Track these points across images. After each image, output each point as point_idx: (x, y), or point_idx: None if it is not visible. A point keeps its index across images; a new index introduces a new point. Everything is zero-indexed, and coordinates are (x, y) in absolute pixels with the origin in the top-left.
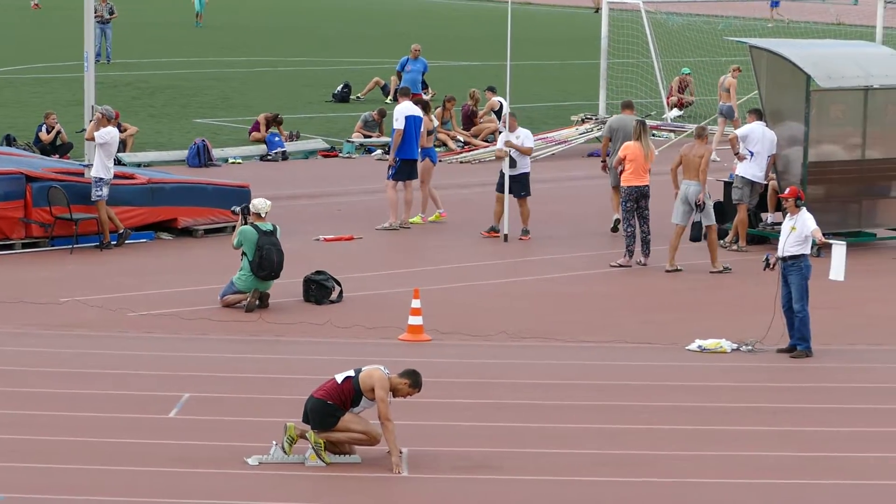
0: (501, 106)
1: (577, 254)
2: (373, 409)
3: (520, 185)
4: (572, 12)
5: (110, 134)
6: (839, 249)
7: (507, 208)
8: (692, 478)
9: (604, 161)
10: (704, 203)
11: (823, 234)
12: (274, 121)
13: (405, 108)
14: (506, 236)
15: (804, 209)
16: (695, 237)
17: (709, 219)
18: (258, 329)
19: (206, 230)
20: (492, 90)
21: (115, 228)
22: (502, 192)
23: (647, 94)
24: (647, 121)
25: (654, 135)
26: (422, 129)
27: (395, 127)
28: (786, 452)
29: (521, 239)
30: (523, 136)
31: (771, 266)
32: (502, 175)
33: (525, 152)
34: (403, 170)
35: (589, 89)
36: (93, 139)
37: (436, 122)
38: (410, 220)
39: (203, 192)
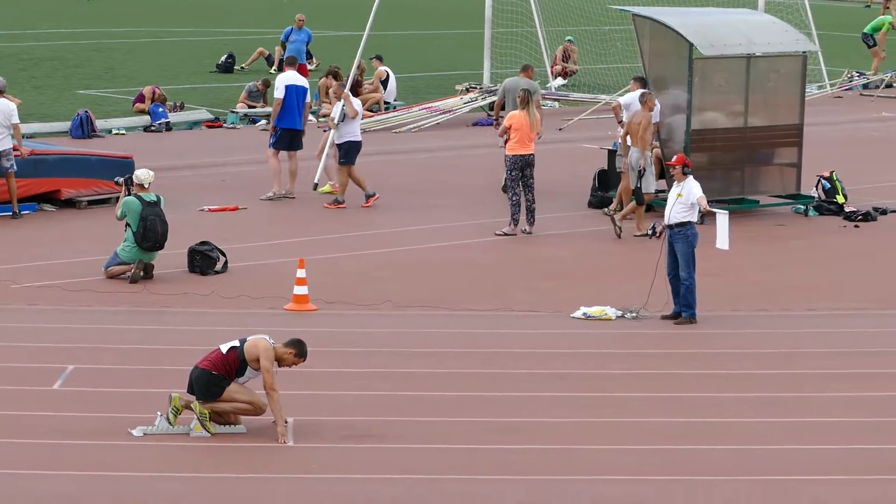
0: (388, 76)
1: (463, 222)
2: (258, 379)
3: (342, 152)
4: None
5: None
6: (722, 218)
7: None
8: (578, 444)
9: (497, 120)
10: (644, 169)
11: (707, 202)
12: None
13: (287, 78)
14: (315, 185)
15: (691, 177)
16: (637, 202)
17: (646, 186)
18: (143, 300)
19: (89, 201)
20: (378, 59)
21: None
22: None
23: (531, 62)
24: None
25: None
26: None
27: (275, 96)
28: (671, 418)
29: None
30: (355, 104)
31: (658, 234)
32: (348, 144)
33: (350, 113)
34: (284, 139)
35: (473, 59)
36: None
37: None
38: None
39: (86, 163)
